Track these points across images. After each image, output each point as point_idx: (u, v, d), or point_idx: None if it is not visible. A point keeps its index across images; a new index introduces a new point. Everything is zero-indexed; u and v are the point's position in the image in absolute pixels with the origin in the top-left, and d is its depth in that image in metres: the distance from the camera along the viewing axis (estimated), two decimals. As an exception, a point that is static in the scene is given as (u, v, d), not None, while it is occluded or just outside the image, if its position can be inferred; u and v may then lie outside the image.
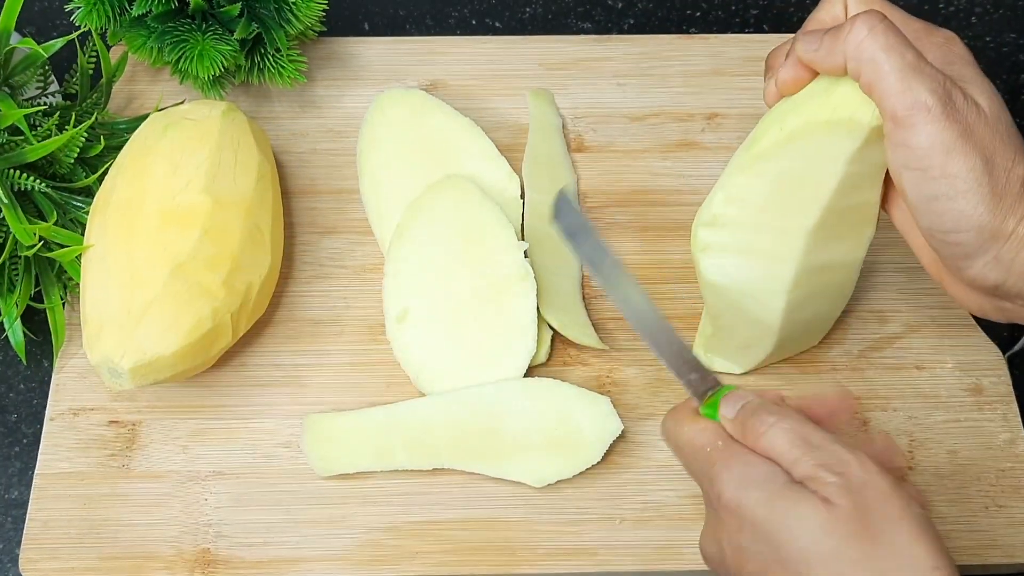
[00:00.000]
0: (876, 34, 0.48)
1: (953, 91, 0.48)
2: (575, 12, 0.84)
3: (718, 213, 0.56)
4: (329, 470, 0.62)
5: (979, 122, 0.48)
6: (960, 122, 0.48)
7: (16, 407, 0.70)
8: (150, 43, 0.69)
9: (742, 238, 0.57)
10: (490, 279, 0.65)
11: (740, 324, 0.61)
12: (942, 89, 0.48)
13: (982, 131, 0.48)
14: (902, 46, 0.48)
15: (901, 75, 0.48)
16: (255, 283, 0.63)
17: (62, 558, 0.61)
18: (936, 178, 0.48)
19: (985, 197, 0.48)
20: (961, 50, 0.51)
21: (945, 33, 0.52)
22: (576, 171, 0.72)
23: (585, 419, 0.61)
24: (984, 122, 0.48)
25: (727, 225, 0.56)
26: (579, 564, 0.61)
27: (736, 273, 0.58)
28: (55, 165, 0.66)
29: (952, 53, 0.51)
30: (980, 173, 0.48)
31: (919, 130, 0.48)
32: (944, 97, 0.48)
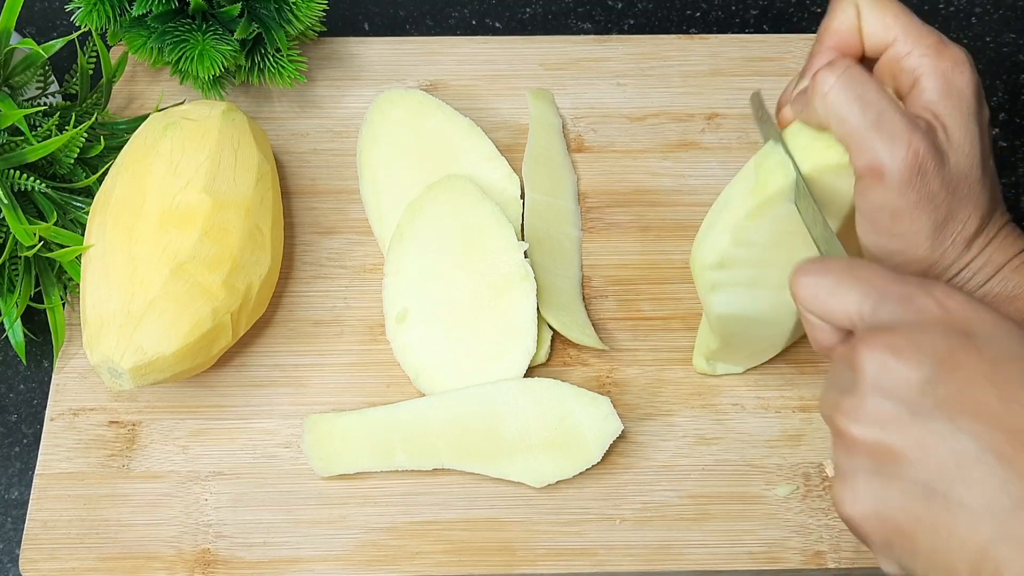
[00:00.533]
0: (837, 90, 0.48)
1: (921, 158, 0.47)
2: (575, 12, 0.84)
3: (727, 256, 0.56)
4: (329, 470, 0.62)
5: (941, 187, 0.48)
6: (917, 190, 0.47)
7: (16, 407, 0.70)
8: (150, 43, 0.69)
9: (751, 274, 0.56)
10: (490, 279, 0.65)
11: (749, 342, 0.62)
12: (905, 155, 0.47)
13: (941, 196, 0.48)
14: (864, 101, 0.47)
15: (862, 135, 0.47)
16: (255, 283, 0.63)
17: (62, 558, 0.61)
18: (880, 232, 0.49)
19: (923, 258, 0.49)
20: (963, 81, 0.49)
21: (954, 55, 0.49)
22: (576, 171, 0.72)
23: (585, 419, 0.61)
24: (946, 185, 0.48)
25: (736, 264, 0.56)
26: (579, 564, 0.61)
27: (746, 304, 0.58)
28: (55, 165, 0.66)
29: (952, 85, 0.49)
30: (925, 237, 0.49)
31: (872, 191, 0.48)
32: (904, 165, 0.47)
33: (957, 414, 0.39)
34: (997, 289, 0.50)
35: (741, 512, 0.62)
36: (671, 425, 0.64)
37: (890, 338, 0.41)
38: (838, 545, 0.61)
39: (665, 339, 0.67)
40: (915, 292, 0.42)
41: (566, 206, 0.70)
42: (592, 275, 0.69)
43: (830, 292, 0.44)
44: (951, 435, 0.39)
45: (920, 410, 0.39)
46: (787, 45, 0.76)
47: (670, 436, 0.64)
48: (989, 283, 0.50)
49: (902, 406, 0.40)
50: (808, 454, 0.63)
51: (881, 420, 0.40)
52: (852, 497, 0.41)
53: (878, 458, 0.40)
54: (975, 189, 0.49)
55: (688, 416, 0.64)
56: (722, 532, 0.61)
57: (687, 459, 0.63)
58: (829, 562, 0.61)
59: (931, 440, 0.39)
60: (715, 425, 0.64)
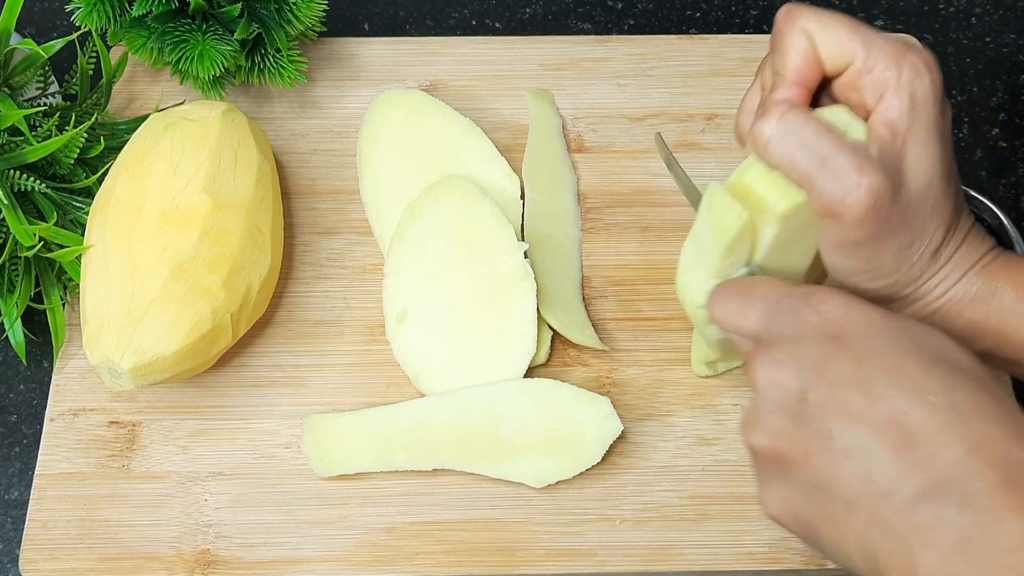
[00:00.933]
0: (776, 140, 0.48)
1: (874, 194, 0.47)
2: (575, 12, 0.84)
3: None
4: (329, 471, 0.62)
5: (899, 214, 0.48)
6: (875, 222, 0.47)
7: (16, 407, 0.70)
8: (150, 43, 0.69)
9: None
10: (490, 280, 0.65)
11: None
12: (858, 194, 0.46)
13: (901, 221, 0.48)
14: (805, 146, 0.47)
15: (811, 181, 0.47)
16: (255, 283, 0.63)
17: (62, 558, 0.61)
18: (848, 257, 0.50)
19: (889, 274, 0.50)
20: (924, 91, 0.48)
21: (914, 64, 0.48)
22: (576, 171, 0.72)
23: (585, 420, 0.61)
24: (905, 209, 0.48)
25: None
26: (579, 564, 0.61)
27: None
28: (55, 166, 0.66)
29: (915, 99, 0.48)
30: (890, 258, 0.49)
31: (832, 229, 0.48)
32: (859, 203, 0.47)
33: (828, 416, 0.42)
34: (961, 293, 0.51)
35: (741, 512, 0.62)
36: (671, 425, 0.64)
37: (774, 352, 0.44)
38: (838, 545, 0.61)
39: (665, 339, 0.67)
40: (798, 303, 0.45)
41: (566, 206, 0.70)
42: (592, 275, 0.69)
43: (737, 312, 0.48)
44: (825, 437, 0.42)
45: (799, 417, 0.43)
46: (787, 45, 0.76)
47: (670, 436, 0.64)
48: (955, 288, 0.51)
49: (786, 415, 0.43)
50: (808, 454, 0.63)
51: (772, 430, 0.44)
52: (768, 500, 0.45)
53: (777, 465, 0.44)
54: (939, 203, 0.49)
55: (688, 416, 0.64)
56: (722, 532, 0.61)
57: (687, 459, 0.63)
58: (829, 562, 0.61)
59: (811, 443, 0.42)
60: (715, 425, 0.64)
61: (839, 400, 0.42)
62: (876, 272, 0.50)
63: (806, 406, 0.43)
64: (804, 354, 0.44)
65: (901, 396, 0.41)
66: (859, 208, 0.47)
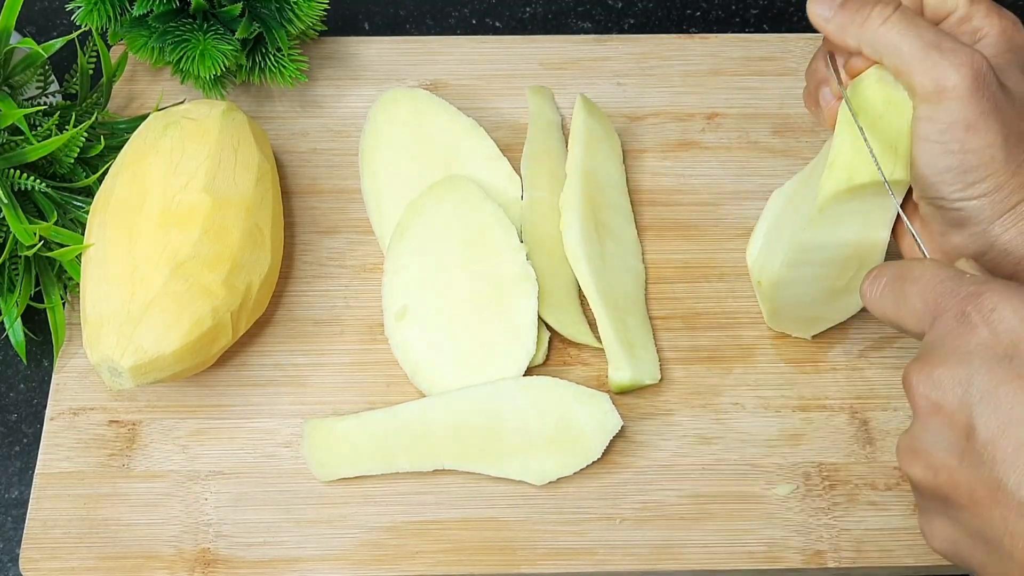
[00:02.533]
0: (892, 22, 0.50)
1: (982, 69, 0.49)
2: (575, 12, 0.84)
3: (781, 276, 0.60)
4: (330, 475, 0.62)
5: (1005, 103, 0.49)
6: (985, 100, 0.49)
7: (16, 407, 0.70)
8: (151, 43, 0.69)
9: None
10: (490, 280, 0.65)
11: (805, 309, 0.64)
12: (967, 67, 0.49)
13: (1008, 112, 0.49)
14: (918, 27, 0.50)
15: (922, 56, 0.49)
16: (255, 282, 0.63)
17: (62, 558, 0.61)
18: (954, 152, 0.49)
19: (996, 173, 0.49)
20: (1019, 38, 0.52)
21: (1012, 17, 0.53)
22: (576, 171, 0.72)
23: (585, 416, 0.61)
24: (1010, 104, 0.50)
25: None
26: (579, 564, 0.61)
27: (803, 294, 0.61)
28: (55, 165, 0.66)
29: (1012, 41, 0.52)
30: (998, 150, 0.49)
31: (942, 106, 0.49)
32: (969, 75, 0.48)
33: (1000, 463, 0.37)
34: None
35: (741, 511, 0.62)
36: (671, 424, 0.64)
37: (935, 370, 0.40)
38: (838, 545, 0.61)
39: (665, 338, 0.67)
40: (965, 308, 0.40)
41: (566, 205, 0.70)
42: (592, 275, 0.69)
43: (893, 308, 0.44)
44: (997, 487, 0.37)
45: (966, 456, 0.38)
46: (787, 45, 0.76)
47: (670, 435, 0.64)
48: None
49: (951, 451, 0.39)
50: (808, 454, 0.63)
51: (934, 465, 0.40)
52: (929, 532, 0.42)
53: (939, 500, 0.40)
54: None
55: (688, 415, 0.64)
56: (722, 532, 0.61)
57: (687, 458, 0.63)
58: (829, 562, 0.61)
59: (978, 490, 0.38)
60: (715, 424, 0.64)
61: (1014, 443, 0.37)
62: (985, 169, 0.49)
63: (974, 444, 0.38)
64: (971, 379, 0.38)
65: None
66: (970, 77, 0.48)
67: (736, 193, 0.71)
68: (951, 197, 0.50)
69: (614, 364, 0.63)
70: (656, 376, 0.64)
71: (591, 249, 0.66)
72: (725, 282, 0.68)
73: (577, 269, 0.65)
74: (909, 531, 0.61)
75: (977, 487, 0.38)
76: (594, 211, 0.67)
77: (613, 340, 0.64)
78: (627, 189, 0.71)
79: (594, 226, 0.67)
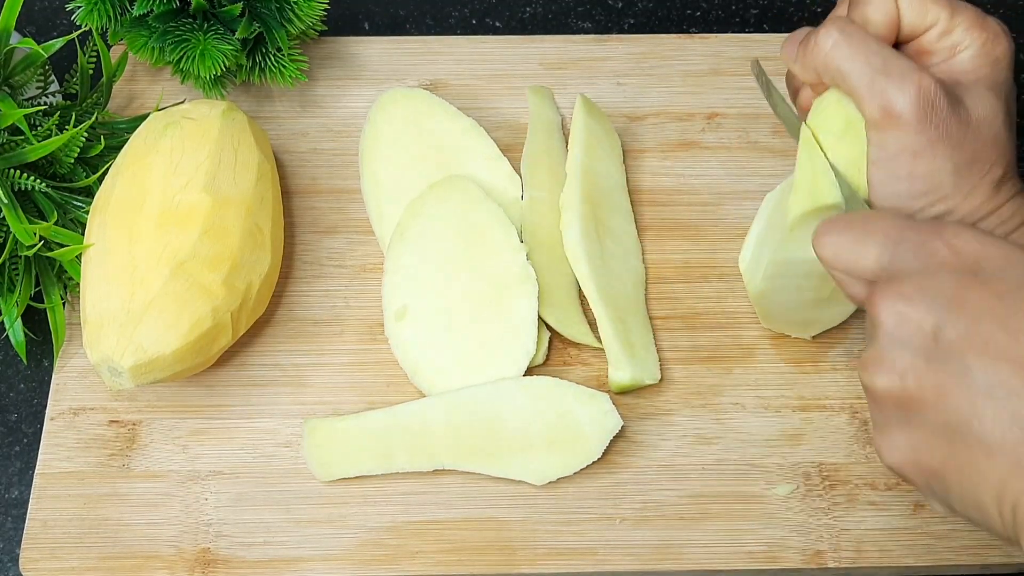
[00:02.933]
0: (840, 46, 0.49)
1: (929, 94, 0.48)
2: (575, 12, 0.84)
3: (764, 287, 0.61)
4: (330, 475, 0.62)
5: (956, 127, 0.48)
6: (932, 127, 0.48)
7: (16, 407, 0.70)
8: (151, 43, 0.69)
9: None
10: (490, 280, 0.65)
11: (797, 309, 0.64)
12: (913, 93, 0.48)
13: (960, 135, 0.48)
14: (866, 51, 0.49)
15: (869, 82, 0.48)
16: (255, 282, 0.63)
17: (62, 558, 0.61)
18: (902, 178, 0.49)
19: (947, 198, 0.49)
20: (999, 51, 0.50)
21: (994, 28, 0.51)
22: (576, 171, 0.72)
23: (585, 416, 0.61)
24: (964, 127, 0.49)
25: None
26: (579, 564, 0.61)
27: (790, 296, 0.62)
28: (55, 165, 0.66)
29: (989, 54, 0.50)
30: (947, 175, 0.49)
31: (889, 134, 0.49)
32: (915, 101, 0.48)
33: (967, 353, 0.39)
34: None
35: (741, 511, 0.62)
36: (671, 424, 0.64)
37: (902, 287, 0.41)
38: (838, 545, 0.61)
39: (664, 338, 0.67)
40: (926, 237, 0.42)
41: (565, 205, 0.70)
42: (592, 275, 0.69)
43: (850, 248, 0.44)
44: (963, 375, 0.39)
45: (933, 355, 0.40)
46: (787, 45, 0.76)
47: (670, 435, 0.64)
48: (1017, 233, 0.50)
49: (917, 354, 0.41)
50: (808, 453, 0.63)
51: (900, 370, 0.41)
52: (889, 447, 0.43)
53: (903, 407, 0.41)
54: (999, 139, 0.49)
55: (688, 415, 0.64)
56: (722, 531, 0.61)
57: (687, 458, 0.63)
58: (829, 562, 0.61)
59: (946, 382, 0.40)
60: (715, 424, 0.64)
61: (980, 336, 0.39)
62: (935, 194, 0.49)
63: (941, 343, 0.40)
64: (938, 288, 0.41)
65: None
66: (917, 104, 0.47)
67: (736, 193, 0.71)
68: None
69: (614, 364, 0.63)
70: (656, 376, 0.64)
71: (591, 249, 0.66)
72: (725, 282, 0.68)
73: (577, 269, 0.65)
74: (909, 531, 0.61)
75: (945, 380, 0.40)
76: (594, 211, 0.67)
77: (613, 340, 0.64)
78: (627, 189, 0.71)
79: (594, 226, 0.67)
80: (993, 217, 0.50)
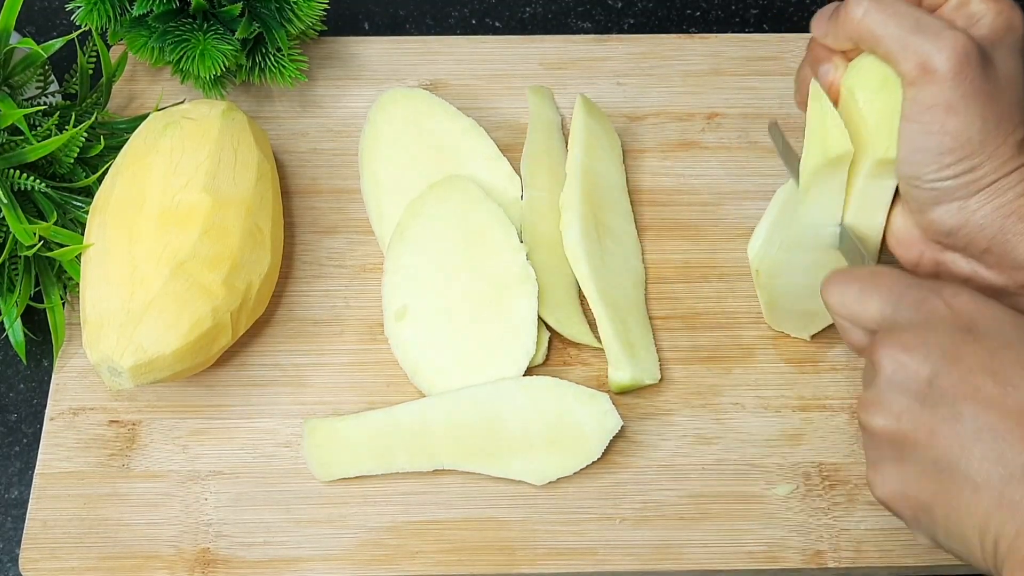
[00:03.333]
0: (871, 12, 0.51)
1: (967, 50, 0.49)
2: (575, 12, 0.84)
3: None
4: (330, 475, 0.62)
5: (988, 84, 0.50)
6: (968, 82, 0.49)
7: (16, 407, 0.70)
8: (151, 43, 0.69)
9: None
10: (490, 280, 0.65)
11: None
12: (951, 48, 0.49)
13: (990, 93, 0.50)
14: (899, 14, 0.50)
15: (903, 41, 0.50)
16: (255, 282, 0.63)
17: (62, 558, 0.61)
18: (934, 133, 0.50)
19: (972, 155, 0.50)
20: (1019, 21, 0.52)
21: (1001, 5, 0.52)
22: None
23: (585, 416, 0.61)
24: (994, 85, 0.50)
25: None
26: (579, 564, 0.61)
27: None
28: (55, 165, 0.66)
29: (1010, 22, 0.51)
30: (976, 132, 0.50)
31: (924, 91, 0.50)
32: (953, 56, 0.49)
33: (959, 400, 0.43)
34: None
35: (741, 511, 0.62)
36: (671, 424, 0.64)
37: (903, 337, 0.45)
38: (838, 545, 0.61)
39: (665, 338, 0.67)
40: (927, 295, 0.46)
41: (565, 205, 0.70)
42: (592, 274, 0.69)
43: (856, 299, 0.48)
44: (955, 419, 0.43)
45: (928, 400, 0.44)
46: (787, 44, 0.76)
47: (670, 435, 0.64)
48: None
49: (913, 398, 0.44)
50: (808, 454, 0.63)
51: (896, 412, 0.45)
52: (880, 481, 0.46)
53: (897, 446, 0.45)
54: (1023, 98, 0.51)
55: (688, 415, 0.64)
56: (722, 531, 0.61)
57: (687, 458, 0.63)
58: (829, 562, 0.61)
59: (938, 425, 0.43)
60: (715, 424, 0.64)
61: (972, 385, 0.43)
62: (961, 151, 0.50)
63: (935, 390, 0.44)
64: (936, 341, 0.45)
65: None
66: (952, 59, 0.49)
67: (736, 193, 0.71)
68: (926, 177, 0.51)
69: (614, 364, 0.63)
70: (656, 376, 0.64)
71: (591, 249, 0.66)
72: (725, 282, 0.68)
73: (577, 269, 0.65)
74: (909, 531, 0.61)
75: (938, 422, 0.43)
76: (594, 211, 0.67)
77: (613, 340, 0.64)
78: (627, 189, 0.71)
79: (594, 226, 0.67)
80: (1014, 175, 0.51)
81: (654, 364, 0.65)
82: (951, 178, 0.51)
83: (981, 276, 0.52)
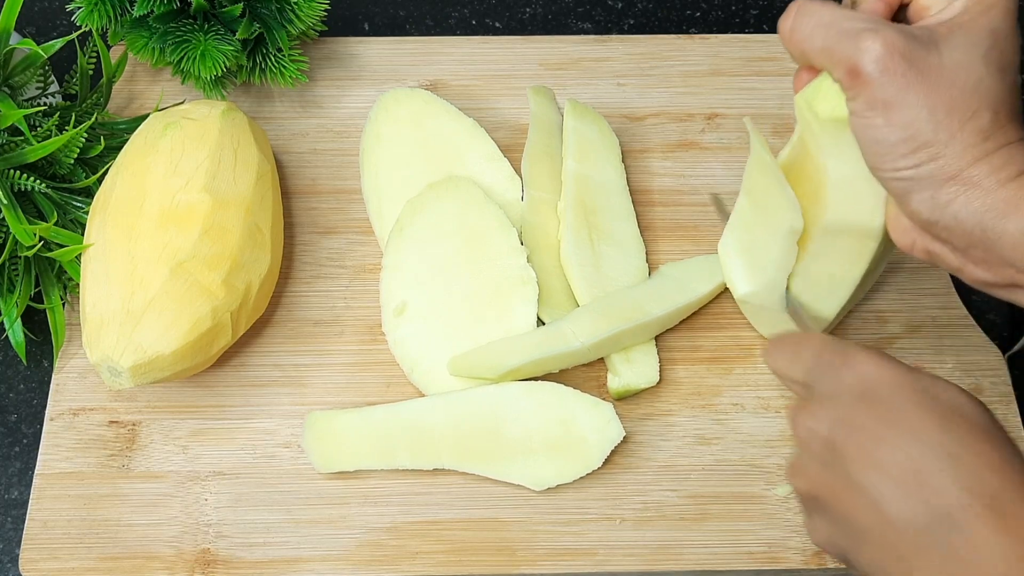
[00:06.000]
0: (796, 28, 0.52)
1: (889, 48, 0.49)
2: (575, 12, 0.84)
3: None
4: (329, 467, 0.62)
5: (926, 74, 0.49)
6: (900, 76, 0.49)
7: (16, 407, 0.70)
8: (152, 44, 0.69)
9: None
10: (490, 281, 0.65)
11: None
12: (871, 50, 0.49)
13: (932, 83, 0.49)
14: (820, 24, 0.51)
15: (828, 52, 0.50)
16: (255, 282, 0.63)
17: (62, 558, 0.61)
18: (880, 127, 0.50)
19: (927, 144, 0.49)
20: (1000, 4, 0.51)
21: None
22: (576, 171, 0.72)
23: (587, 424, 0.61)
24: (937, 73, 0.49)
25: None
26: (579, 564, 0.61)
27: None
28: (55, 165, 0.66)
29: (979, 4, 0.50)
30: (923, 122, 0.49)
31: (860, 92, 0.50)
32: (875, 58, 0.49)
33: (851, 463, 0.47)
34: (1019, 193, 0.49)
35: (741, 512, 0.62)
36: (671, 425, 0.64)
37: (812, 406, 0.49)
38: (838, 545, 0.61)
39: (665, 338, 0.67)
40: (840, 362, 0.50)
41: (565, 205, 0.70)
42: (592, 275, 0.69)
43: (787, 365, 0.52)
44: (847, 479, 0.47)
45: (828, 464, 0.48)
46: (787, 45, 0.76)
47: (670, 436, 0.64)
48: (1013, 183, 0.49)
49: (819, 463, 0.48)
50: (808, 454, 0.63)
51: (809, 475, 0.49)
52: (812, 531, 0.50)
53: (815, 503, 0.49)
54: (984, 83, 0.49)
55: (688, 416, 0.64)
56: (722, 532, 0.61)
57: (687, 459, 0.63)
58: (829, 562, 0.61)
59: (835, 485, 0.47)
60: (715, 425, 0.64)
61: (859, 448, 0.47)
62: (915, 141, 0.49)
63: (835, 454, 0.47)
64: (835, 408, 0.48)
65: (914, 448, 0.46)
66: (878, 58, 0.49)
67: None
68: (886, 168, 0.51)
69: (611, 370, 0.63)
70: (653, 380, 0.64)
71: (583, 257, 0.66)
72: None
73: (571, 279, 0.65)
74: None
75: (836, 485, 0.47)
76: (587, 218, 0.67)
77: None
78: (627, 190, 0.71)
79: (587, 233, 0.67)
80: (983, 164, 0.49)
81: (652, 368, 0.65)
82: (911, 167, 0.50)
83: (969, 271, 0.52)
